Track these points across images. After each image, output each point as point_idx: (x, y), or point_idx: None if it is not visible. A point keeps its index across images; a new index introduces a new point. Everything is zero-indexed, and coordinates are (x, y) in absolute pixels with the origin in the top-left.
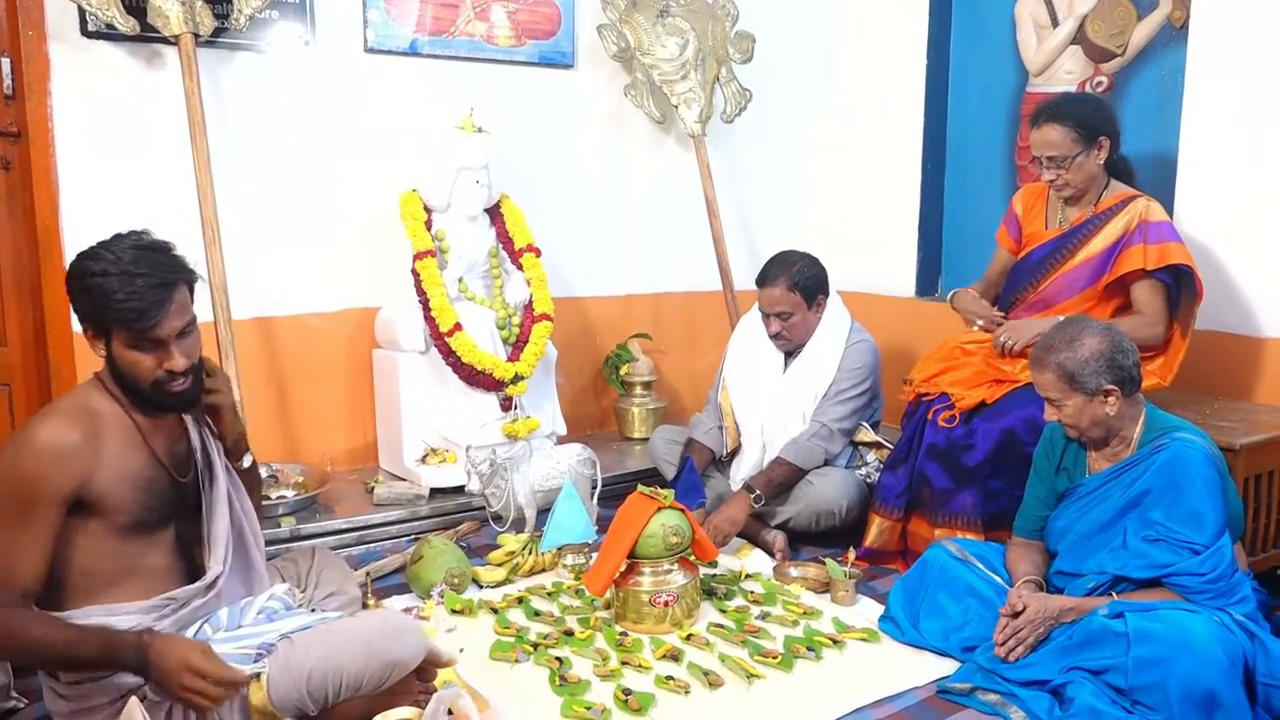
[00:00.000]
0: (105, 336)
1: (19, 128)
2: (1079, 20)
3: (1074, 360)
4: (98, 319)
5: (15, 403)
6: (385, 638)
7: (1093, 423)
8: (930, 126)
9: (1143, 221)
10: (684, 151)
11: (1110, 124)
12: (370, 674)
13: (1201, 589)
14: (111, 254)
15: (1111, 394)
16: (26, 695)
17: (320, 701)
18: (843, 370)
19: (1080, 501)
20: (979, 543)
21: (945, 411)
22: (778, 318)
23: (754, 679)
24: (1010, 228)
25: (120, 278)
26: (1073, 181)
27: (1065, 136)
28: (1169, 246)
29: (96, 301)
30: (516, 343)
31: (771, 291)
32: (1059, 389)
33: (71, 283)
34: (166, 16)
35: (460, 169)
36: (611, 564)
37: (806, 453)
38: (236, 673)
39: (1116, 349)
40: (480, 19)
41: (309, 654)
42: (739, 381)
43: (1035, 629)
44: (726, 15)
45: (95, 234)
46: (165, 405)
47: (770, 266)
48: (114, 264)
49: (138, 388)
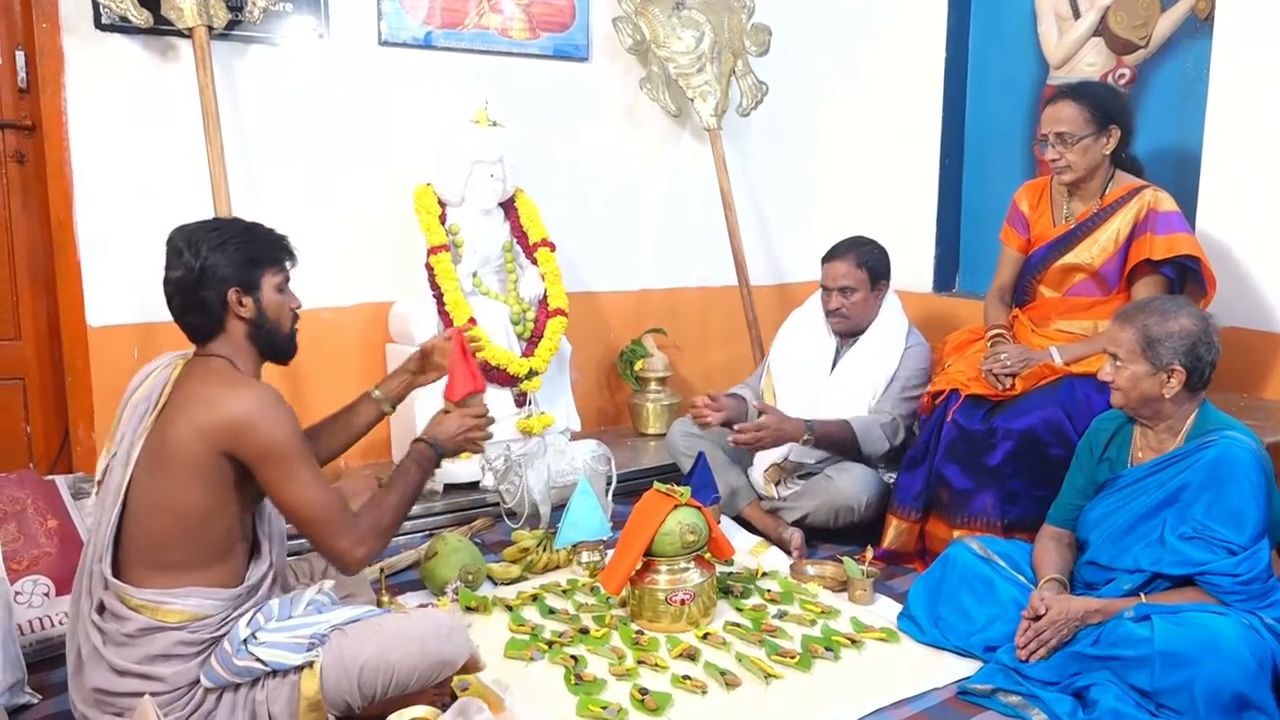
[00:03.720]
0: (255, 289)
1: (33, 121)
2: (1101, 11)
3: (1161, 329)
4: (252, 265)
5: (29, 396)
6: (438, 637)
7: (1143, 398)
8: (949, 119)
9: (1151, 211)
10: (699, 145)
11: (1125, 115)
12: (420, 672)
13: (1234, 590)
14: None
15: (1175, 375)
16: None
17: (369, 696)
18: (906, 369)
19: (1120, 493)
20: (1002, 540)
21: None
22: (840, 292)
23: (772, 679)
24: (1017, 226)
25: (258, 227)
26: (1075, 164)
27: (1079, 115)
28: (1178, 237)
29: (258, 247)
30: (531, 338)
31: (839, 265)
32: (1130, 350)
33: (219, 239)
34: (180, 9)
35: (474, 162)
36: (628, 562)
37: (871, 431)
38: (479, 405)
39: (1204, 339)
40: (494, 11)
41: (363, 647)
42: (786, 369)
43: (1058, 631)
44: (743, 7)
45: (109, 227)
46: (289, 353)
47: (840, 243)
48: (243, 221)
49: (280, 334)
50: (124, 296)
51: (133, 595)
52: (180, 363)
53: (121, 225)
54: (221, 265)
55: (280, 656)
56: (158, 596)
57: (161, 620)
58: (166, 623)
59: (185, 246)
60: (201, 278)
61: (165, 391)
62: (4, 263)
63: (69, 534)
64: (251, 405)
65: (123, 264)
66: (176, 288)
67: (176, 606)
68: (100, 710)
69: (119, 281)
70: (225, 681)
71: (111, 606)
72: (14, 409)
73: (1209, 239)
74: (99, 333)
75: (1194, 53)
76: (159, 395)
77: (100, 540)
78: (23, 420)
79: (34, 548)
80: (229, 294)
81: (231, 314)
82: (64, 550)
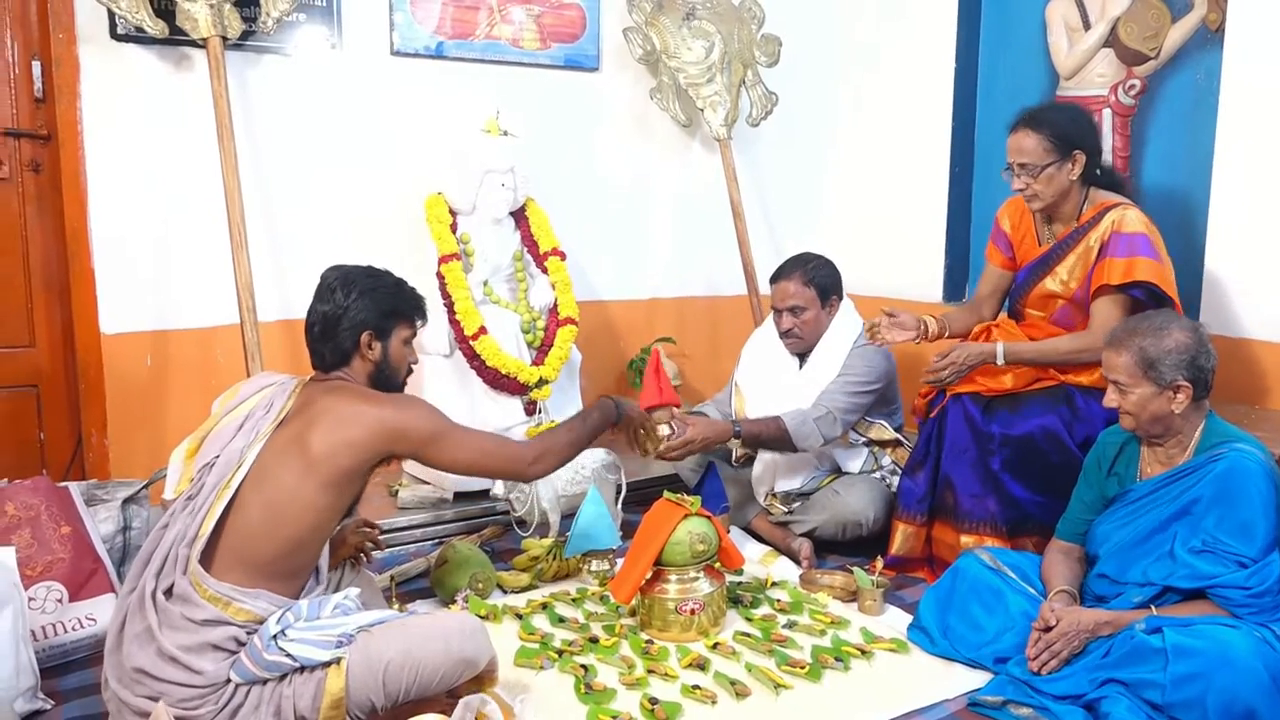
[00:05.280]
0: (386, 336)
1: (49, 130)
2: (1111, 23)
3: (1157, 348)
4: (390, 316)
5: (43, 403)
6: (463, 636)
7: (1154, 418)
8: (958, 130)
9: (1114, 233)
10: (709, 155)
11: (1088, 138)
12: (445, 672)
13: (1246, 603)
14: (378, 270)
15: (1182, 391)
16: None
17: (393, 695)
18: (851, 364)
19: (1130, 507)
20: (1012, 551)
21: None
22: (790, 313)
23: (781, 689)
24: (999, 243)
25: (404, 284)
26: (1041, 193)
27: (1038, 144)
28: (1138, 261)
29: (400, 301)
30: (541, 346)
31: (786, 285)
32: (1131, 374)
33: (369, 285)
34: (195, 20)
35: (486, 172)
36: (638, 571)
37: (804, 426)
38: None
39: (1201, 348)
40: (505, 22)
41: (389, 646)
42: (753, 386)
43: (1069, 643)
44: (753, 18)
45: (124, 236)
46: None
47: (786, 263)
48: (393, 276)
49: (395, 382)
50: (137, 304)
51: (210, 586)
52: (298, 385)
53: (135, 234)
54: (364, 309)
55: (309, 652)
56: (231, 592)
57: (230, 616)
58: (233, 619)
59: (339, 285)
60: (344, 316)
61: (288, 406)
62: (19, 271)
63: (82, 540)
64: (398, 410)
65: (136, 272)
66: (321, 319)
67: (245, 606)
68: (133, 690)
69: (132, 289)
70: (254, 676)
71: (183, 591)
72: (28, 416)
73: (1219, 250)
74: (112, 340)
75: (1205, 64)
76: (281, 409)
77: (194, 529)
78: (36, 427)
79: (47, 554)
80: (363, 336)
81: (359, 353)
82: (77, 556)
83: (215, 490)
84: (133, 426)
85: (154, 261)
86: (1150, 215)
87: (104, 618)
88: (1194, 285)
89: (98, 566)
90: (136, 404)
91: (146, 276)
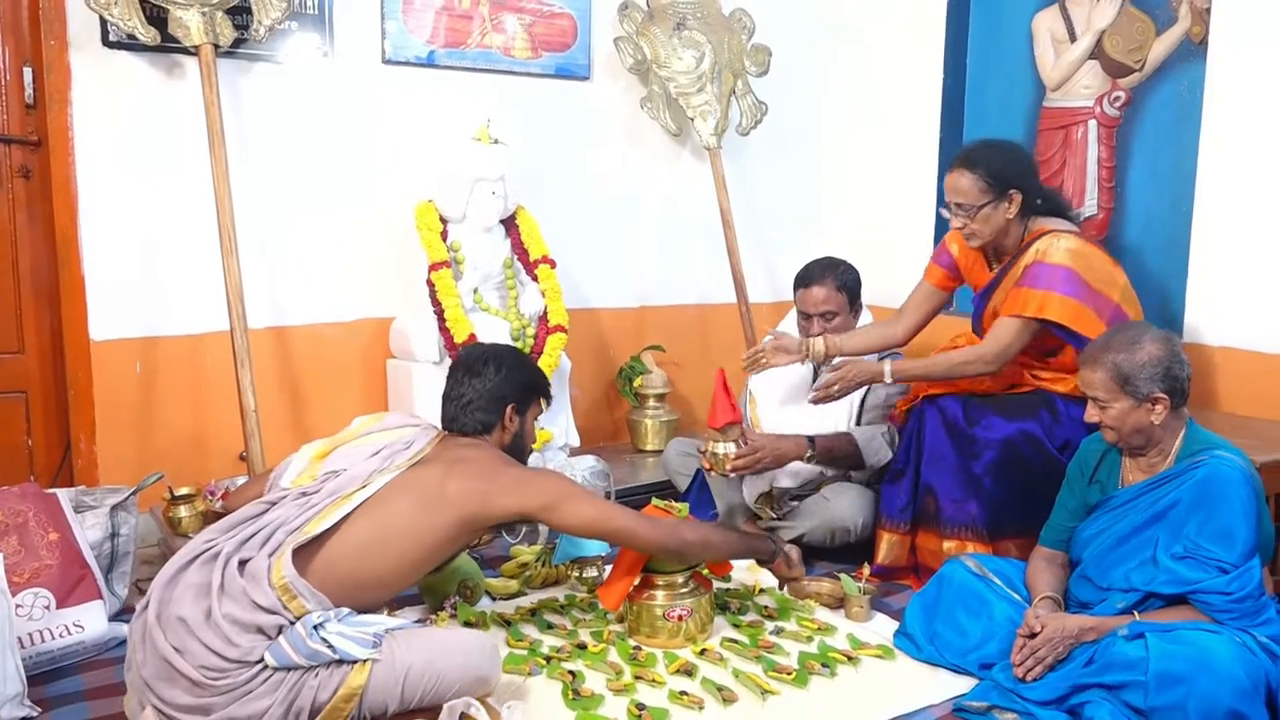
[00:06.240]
0: (524, 411)
1: (39, 136)
2: (1097, 35)
3: (1131, 362)
4: (531, 392)
5: (32, 409)
6: (481, 655)
7: (1135, 429)
8: (946, 140)
9: (1036, 262)
10: (699, 164)
11: (1025, 177)
12: (460, 685)
13: (1227, 608)
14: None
15: (1160, 402)
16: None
17: (407, 701)
18: (895, 386)
19: (1112, 513)
20: (997, 558)
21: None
22: (821, 318)
23: (768, 695)
24: (942, 263)
25: (539, 369)
26: (979, 232)
27: (974, 185)
28: (1051, 297)
29: (539, 380)
30: (531, 354)
31: (818, 291)
32: (1109, 389)
33: (516, 363)
34: (187, 27)
35: (476, 180)
36: (626, 578)
37: (874, 441)
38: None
39: (1174, 358)
40: (497, 31)
41: (412, 651)
42: (768, 392)
43: (1054, 649)
44: (743, 28)
45: (113, 242)
46: None
47: (814, 267)
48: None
49: (522, 455)
50: (127, 311)
51: (286, 575)
52: (439, 435)
53: (125, 241)
54: (512, 385)
55: (348, 646)
56: (300, 586)
57: (286, 606)
58: (289, 611)
59: (491, 360)
60: (496, 388)
61: (426, 451)
62: (8, 276)
63: (69, 547)
64: (541, 489)
65: (126, 279)
66: (475, 391)
67: (304, 603)
68: (168, 634)
69: (122, 296)
70: (291, 663)
71: (255, 570)
72: (16, 422)
73: (1203, 260)
74: (101, 347)
75: (1188, 76)
76: (419, 451)
77: (301, 520)
78: (25, 433)
79: (35, 560)
80: (508, 409)
81: (501, 424)
82: (64, 563)
83: (334, 498)
84: (122, 433)
85: (144, 268)
86: (1135, 226)
87: (91, 624)
88: (1178, 295)
89: (85, 573)
90: (125, 410)
91: (136, 283)
